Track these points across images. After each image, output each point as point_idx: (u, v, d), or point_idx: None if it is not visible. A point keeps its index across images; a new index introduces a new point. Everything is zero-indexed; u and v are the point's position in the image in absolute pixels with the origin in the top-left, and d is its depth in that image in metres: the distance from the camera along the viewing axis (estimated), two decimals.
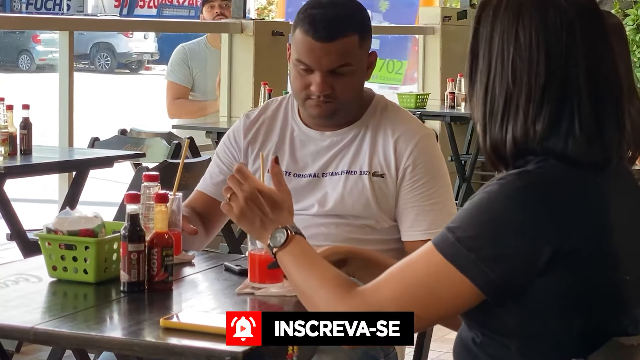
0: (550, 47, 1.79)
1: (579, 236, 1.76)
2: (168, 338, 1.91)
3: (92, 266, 2.26)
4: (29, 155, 4.35)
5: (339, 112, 2.72)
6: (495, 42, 1.82)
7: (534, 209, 1.75)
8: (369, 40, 2.74)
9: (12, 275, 2.32)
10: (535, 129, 1.79)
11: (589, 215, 1.78)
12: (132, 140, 5.08)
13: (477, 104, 1.85)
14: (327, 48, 2.65)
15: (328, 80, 2.66)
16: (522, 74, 1.79)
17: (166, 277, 2.22)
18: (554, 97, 1.78)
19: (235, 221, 2.08)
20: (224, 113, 6.37)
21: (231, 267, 2.41)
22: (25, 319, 2.03)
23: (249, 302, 2.20)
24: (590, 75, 1.80)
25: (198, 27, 6.91)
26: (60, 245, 2.27)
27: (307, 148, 2.77)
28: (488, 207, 1.77)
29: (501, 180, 1.78)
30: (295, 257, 1.96)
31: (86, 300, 2.23)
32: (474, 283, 1.76)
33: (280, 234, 1.98)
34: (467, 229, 1.77)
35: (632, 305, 1.85)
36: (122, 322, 2.12)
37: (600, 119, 1.80)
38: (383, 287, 1.82)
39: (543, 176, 1.78)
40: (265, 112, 2.85)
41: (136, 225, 2.20)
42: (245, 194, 2.06)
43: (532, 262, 1.74)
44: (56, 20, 6.08)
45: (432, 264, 1.79)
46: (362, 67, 2.71)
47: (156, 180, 2.33)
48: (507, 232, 1.75)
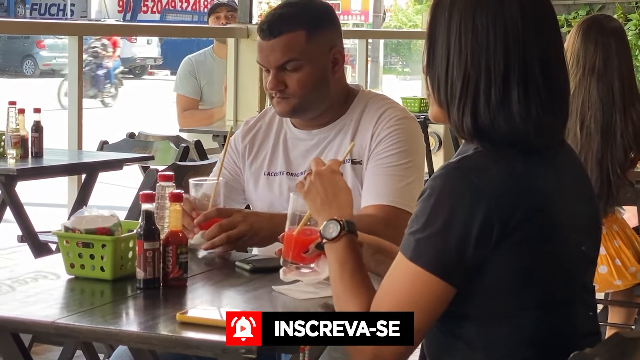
0: (508, 33, 1.88)
1: (523, 212, 1.85)
2: (184, 332, 1.97)
3: (108, 264, 2.32)
4: (40, 158, 4.41)
5: (300, 108, 2.79)
6: (453, 28, 1.91)
7: (477, 193, 1.84)
8: (324, 36, 2.79)
9: (31, 272, 2.39)
10: (497, 112, 1.88)
11: (530, 193, 1.88)
12: (141, 143, 5.14)
13: (440, 86, 1.93)
14: (271, 45, 2.75)
15: (279, 77, 2.76)
16: (481, 58, 1.89)
17: (181, 274, 2.28)
18: (515, 82, 1.88)
19: (303, 197, 2.13)
20: (230, 117, 6.44)
21: (243, 265, 2.48)
22: (45, 313, 2.09)
23: (263, 300, 2.26)
24: (545, 62, 1.90)
25: (204, 32, 6.98)
26: (77, 244, 2.34)
27: (298, 148, 2.87)
28: (436, 201, 1.85)
29: (442, 170, 1.88)
30: (338, 258, 2.00)
31: (103, 297, 2.29)
32: (441, 278, 1.85)
33: (334, 227, 2.02)
34: (424, 228, 1.86)
35: (577, 273, 1.97)
36: (138, 317, 2.18)
37: (554, 103, 1.91)
38: (377, 308, 1.89)
39: (481, 159, 1.88)
40: (263, 118, 2.97)
41: (151, 223, 2.26)
42: (320, 170, 2.12)
43: (483, 242, 1.84)
44: (65, 25, 6.15)
45: (406, 273, 1.87)
46: (317, 63, 2.77)
47: (171, 180, 2.40)
48: (458, 218, 1.83)
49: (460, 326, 1.93)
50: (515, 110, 1.88)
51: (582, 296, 1.99)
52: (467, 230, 1.84)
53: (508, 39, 1.88)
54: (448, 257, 1.84)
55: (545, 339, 1.91)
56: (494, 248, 1.85)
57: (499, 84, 1.88)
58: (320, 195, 2.10)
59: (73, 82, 5.26)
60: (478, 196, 1.84)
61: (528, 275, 1.89)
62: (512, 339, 1.91)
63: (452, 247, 1.84)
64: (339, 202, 2.09)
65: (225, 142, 2.82)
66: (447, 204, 1.84)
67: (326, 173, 2.12)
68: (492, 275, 1.88)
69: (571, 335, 1.95)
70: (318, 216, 2.10)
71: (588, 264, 2.02)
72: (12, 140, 4.34)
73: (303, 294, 2.22)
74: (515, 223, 1.85)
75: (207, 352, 1.95)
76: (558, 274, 1.93)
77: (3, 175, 4.16)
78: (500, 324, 1.91)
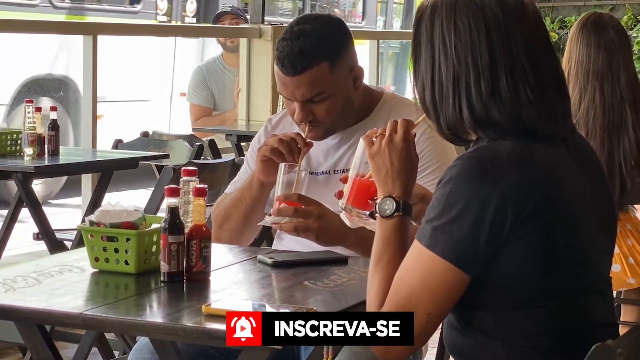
0: (489, 28, 1.94)
1: (537, 201, 1.88)
2: (210, 324, 2.00)
3: (132, 257, 2.35)
4: (57, 156, 4.45)
5: (330, 130, 2.81)
6: (436, 34, 1.97)
7: (492, 181, 1.87)
8: (344, 62, 2.77)
9: (56, 266, 2.42)
10: (489, 102, 1.93)
11: (544, 181, 1.91)
12: (155, 142, 5.18)
13: (426, 94, 1.99)
14: (297, 81, 2.71)
15: (306, 109, 2.74)
16: (466, 55, 1.94)
17: (204, 268, 2.31)
18: (502, 72, 1.93)
19: (368, 157, 2.10)
20: (243, 117, 6.47)
21: (265, 259, 2.50)
22: (72, 305, 2.12)
23: (284, 294, 2.29)
24: (530, 49, 1.95)
25: (217, 32, 7.00)
26: (102, 237, 2.37)
27: (319, 147, 2.87)
28: (451, 190, 1.88)
29: (458, 159, 1.91)
30: (386, 237, 2.01)
31: (127, 290, 2.32)
32: (458, 266, 1.88)
33: (391, 205, 2.02)
34: (440, 216, 1.89)
35: (593, 263, 1.99)
36: (163, 309, 2.22)
37: (545, 86, 1.95)
38: (394, 297, 1.92)
39: (496, 149, 1.91)
40: (286, 116, 2.96)
41: (176, 217, 2.29)
42: (392, 139, 2.07)
43: (497, 230, 1.87)
44: (80, 25, 6.18)
45: (422, 261, 1.90)
46: (341, 89, 2.76)
47: (194, 175, 2.42)
48: (473, 206, 1.86)
49: (478, 317, 1.95)
50: (505, 98, 1.92)
51: (600, 287, 2.01)
52: (482, 219, 1.86)
53: (490, 32, 1.94)
54: (463, 245, 1.87)
55: (563, 329, 1.93)
56: (508, 237, 1.88)
57: (487, 76, 1.93)
58: (386, 166, 2.06)
59: (87, 81, 5.28)
60: (493, 185, 1.87)
61: (543, 265, 1.91)
62: (530, 329, 1.93)
63: (467, 235, 1.87)
64: (402, 179, 2.06)
65: (237, 141, 2.85)
66: (462, 193, 1.88)
67: (399, 143, 2.07)
68: (508, 265, 1.90)
69: (589, 325, 1.97)
70: (379, 186, 2.08)
71: (604, 255, 2.04)
72: (28, 139, 4.37)
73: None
74: (529, 212, 1.88)
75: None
76: (574, 263, 1.95)
77: (20, 172, 4.19)
78: (518, 314, 1.93)
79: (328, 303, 2.19)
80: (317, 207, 2.62)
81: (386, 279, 1.96)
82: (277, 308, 2.07)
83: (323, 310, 2.06)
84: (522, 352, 1.93)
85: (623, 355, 1.82)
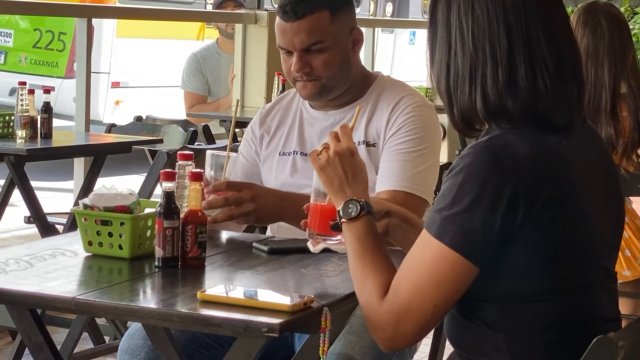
0: (508, 13, 1.90)
1: (548, 194, 1.86)
2: (205, 310, 1.97)
3: (127, 242, 2.32)
4: (49, 139, 4.41)
5: (326, 89, 2.80)
6: (452, 20, 1.93)
7: (505, 173, 1.84)
8: (345, 17, 2.80)
9: (49, 249, 2.38)
10: (505, 91, 1.89)
11: (556, 174, 1.88)
12: (149, 127, 5.14)
13: (440, 82, 1.95)
14: (297, 27, 2.74)
15: (304, 59, 2.76)
16: (484, 43, 1.90)
17: (199, 254, 2.28)
18: (520, 59, 1.89)
19: (317, 171, 2.12)
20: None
21: (260, 246, 2.47)
22: (65, 289, 2.09)
23: (280, 281, 2.27)
24: (549, 35, 1.91)
25: (212, 17, 6.97)
26: (96, 221, 2.33)
27: (314, 128, 2.88)
28: (464, 180, 1.85)
29: (471, 149, 1.88)
30: (357, 237, 2.00)
31: (121, 275, 2.29)
32: (467, 258, 1.85)
33: (354, 207, 2.02)
34: (451, 206, 1.85)
35: (600, 258, 1.97)
36: (157, 295, 2.18)
37: (563, 75, 1.91)
38: (400, 290, 1.89)
39: (510, 140, 1.88)
40: (280, 102, 2.98)
41: (171, 202, 2.26)
42: (338, 148, 2.10)
43: (509, 222, 1.84)
44: (75, 7, 6.13)
45: (431, 251, 1.87)
46: (340, 43, 2.78)
47: (190, 159, 2.39)
48: (485, 197, 1.83)
49: (482, 308, 1.93)
50: (522, 87, 1.89)
51: (605, 282, 1.99)
52: (494, 210, 1.83)
53: (509, 18, 1.89)
54: (474, 236, 1.84)
55: (567, 324, 1.91)
56: (518, 229, 1.85)
57: (505, 64, 1.89)
58: (339, 175, 2.09)
59: (81, 65, 5.24)
60: (505, 176, 1.84)
61: (550, 258, 1.89)
62: (533, 323, 1.91)
63: (478, 226, 1.84)
64: (356, 184, 2.08)
65: (229, 128, 2.83)
66: (474, 183, 1.84)
67: (346, 154, 2.10)
68: (515, 258, 1.87)
69: (593, 320, 1.95)
70: (334, 196, 2.09)
71: (611, 250, 2.02)
72: (21, 121, 4.33)
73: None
74: (541, 204, 1.85)
75: (228, 330, 1.95)
76: (581, 258, 1.93)
77: (12, 155, 4.15)
78: (522, 307, 1.90)
79: (324, 291, 2.16)
80: (248, 190, 2.61)
81: (377, 273, 1.93)
82: (275, 296, 2.04)
83: (319, 299, 2.03)
84: (524, 345, 1.91)
85: (625, 348, 1.80)
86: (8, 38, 9.61)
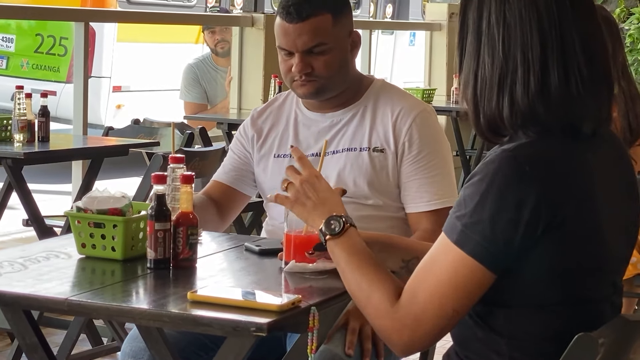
0: (541, 18, 1.85)
1: (570, 207, 1.84)
2: (195, 310, 2.00)
3: (119, 244, 2.35)
4: (47, 143, 4.44)
5: (323, 89, 2.83)
6: (483, 27, 1.89)
7: (529, 185, 1.82)
8: (345, 20, 2.85)
9: (43, 252, 2.42)
10: (536, 98, 1.85)
11: (579, 187, 1.87)
12: (146, 129, 5.18)
13: (468, 88, 1.92)
14: (299, 29, 2.78)
15: (306, 60, 2.79)
16: (515, 50, 1.85)
17: (190, 255, 2.31)
18: (554, 65, 1.85)
19: (290, 207, 2.15)
20: (234, 105, 6.47)
21: (251, 247, 2.51)
22: (58, 291, 2.12)
23: (271, 281, 2.30)
24: (584, 38, 1.87)
25: (208, 21, 7.00)
26: (89, 224, 2.37)
27: (310, 130, 2.90)
28: (487, 188, 1.83)
29: (496, 156, 1.85)
30: (348, 250, 2.00)
31: (114, 276, 2.32)
32: (487, 266, 1.84)
33: (336, 222, 2.03)
34: (472, 214, 1.84)
35: (610, 273, 1.95)
36: (149, 295, 2.22)
37: (596, 79, 1.88)
38: (418, 294, 1.88)
39: (536, 149, 1.85)
40: (272, 104, 3.01)
41: (162, 204, 2.29)
42: (303, 177, 2.13)
43: (530, 232, 1.82)
44: (72, 11, 6.17)
45: (450, 257, 1.85)
46: (341, 45, 2.82)
47: (182, 162, 2.43)
48: (507, 206, 1.81)
49: (489, 312, 1.91)
50: (554, 93, 1.85)
51: (611, 297, 1.97)
52: (516, 221, 1.81)
53: (543, 23, 1.85)
54: (495, 246, 1.82)
55: (570, 335, 1.86)
56: (537, 240, 1.83)
57: (537, 71, 1.85)
58: (311, 198, 2.11)
59: (79, 68, 5.27)
60: (529, 187, 1.81)
61: (563, 271, 1.87)
62: (538, 333, 1.89)
63: (499, 236, 1.82)
64: (332, 204, 2.10)
65: (229, 130, 2.85)
66: (497, 192, 1.81)
67: (312, 179, 2.13)
68: (530, 267, 1.86)
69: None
70: (312, 219, 2.11)
71: (620, 263, 1.99)
72: (18, 125, 4.36)
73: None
74: (561, 219, 1.83)
75: (218, 330, 1.98)
76: (593, 273, 1.91)
77: (10, 159, 4.18)
78: (528, 316, 1.89)
79: (312, 291, 2.19)
80: None
81: (382, 281, 1.92)
82: (264, 296, 2.07)
83: (307, 299, 2.07)
84: (525, 352, 1.90)
85: (605, 345, 1.82)
86: (10, 43, 9.67)
